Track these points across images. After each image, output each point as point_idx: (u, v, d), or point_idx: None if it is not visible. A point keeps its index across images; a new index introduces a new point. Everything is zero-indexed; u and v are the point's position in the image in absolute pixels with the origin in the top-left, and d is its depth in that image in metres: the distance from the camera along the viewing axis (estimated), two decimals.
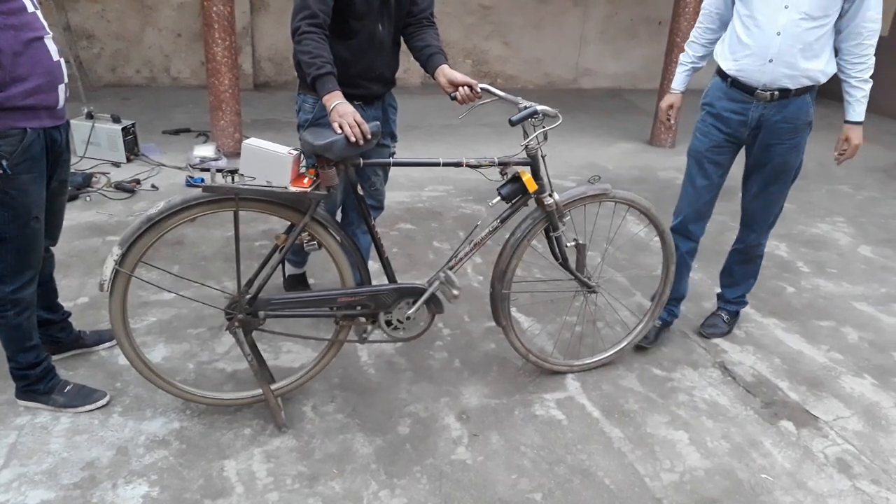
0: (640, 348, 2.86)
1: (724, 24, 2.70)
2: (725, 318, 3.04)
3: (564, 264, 2.51)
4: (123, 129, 4.67)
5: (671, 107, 2.91)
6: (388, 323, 2.36)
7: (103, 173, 4.47)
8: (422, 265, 3.54)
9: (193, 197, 2.02)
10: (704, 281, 3.54)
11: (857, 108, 2.57)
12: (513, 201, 2.37)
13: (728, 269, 3.02)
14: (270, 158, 2.05)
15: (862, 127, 2.60)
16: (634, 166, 5.50)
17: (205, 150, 4.78)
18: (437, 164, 2.25)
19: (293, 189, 2.06)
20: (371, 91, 2.52)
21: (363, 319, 2.35)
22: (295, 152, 2.07)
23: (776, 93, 2.53)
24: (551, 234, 2.43)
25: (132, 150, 4.78)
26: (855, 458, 2.33)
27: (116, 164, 4.68)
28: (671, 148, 6.01)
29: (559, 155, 5.48)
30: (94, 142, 4.70)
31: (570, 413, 2.49)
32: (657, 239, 2.70)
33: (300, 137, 2.07)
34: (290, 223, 2.18)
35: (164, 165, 4.73)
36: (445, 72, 2.49)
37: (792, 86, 2.51)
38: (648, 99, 6.94)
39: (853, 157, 2.69)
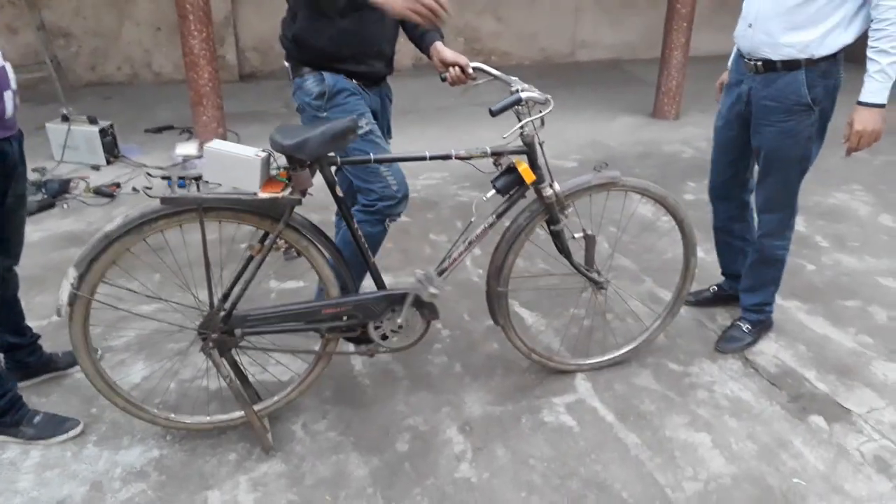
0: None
1: None
2: (746, 328, 2.67)
3: (569, 259, 2.30)
4: (101, 130, 4.47)
5: (721, 84, 2.65)
6: (379, 331, 2.17)
7: (82, 178, 4.27)
8: (418, 261, 3.34)
9: (152, 210, 1.83)
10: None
11: (868, 86, 2.15)
12: (509, 194, 2.16)
13: (747, 267, 2.69)
14: (236, 162, 1.85)
15: (876, 112, 2.17)
16: (639, 141, 5.27)
17: (187, 148, 4.57)
18: (424, 159, 2.04)
19: (263, 195, 1.86)
20: (373, 69, 2.31)
21: (353, 331, 2.16)
22: (263, 154, 1.87)
23: (759, 64, 2.28)
24: (552, 227, 2.23)
25: (112, 151, 4.58)
26: (894, 455, 2.14)
27: (96, 168, 4.48)
28: (675, 120, 5.77)
29: (559, 133, 5.25)
30: (71, 145, 4.50)
31: (582, 418, 2.30)
32: (666, 218, 2.46)
33: (270, 137, 1.87)
34: (264, 231, 1.98)
35: (145, 166, 4.52)
36: (437, 49, 2.30)
37: (774, 57, 2.23)
38: (649, 69, 6.67)
39: (861, 147, 2.24)
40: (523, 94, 1.94)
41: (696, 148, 5.11)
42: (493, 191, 2.14)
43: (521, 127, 2.02)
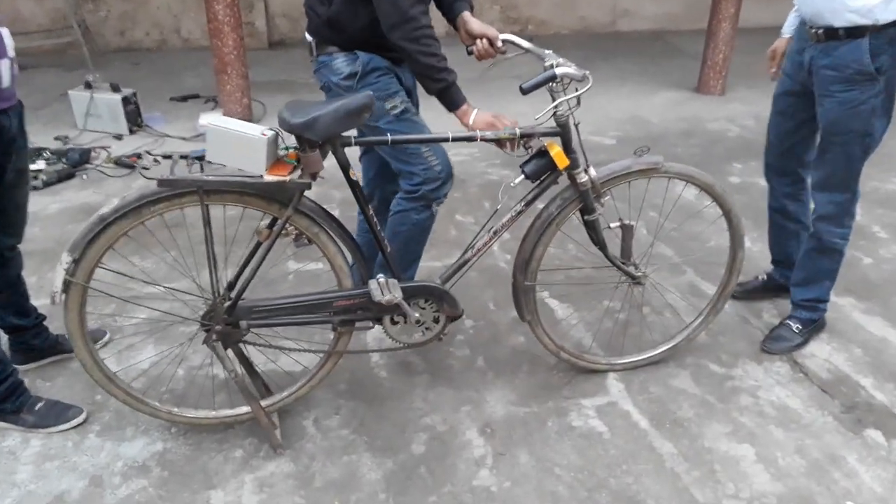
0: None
1: None
2: (796, 327, 2.45)
3: (603, 251, 2.11)
4: (124, 98, 4.36)
5: (774, 52, 2.48)
6: (395, 325, 2.02)
7: (104, 147, 4.18)
8: (442, 243, 3.17)
9: (151, 192, 1.69)
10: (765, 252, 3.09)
11: None
12: (539, 180, 1.97)
13: (801, 257, 2.47)
14: (241, 142, 1.70)
15: None
16: (681, 118, 4.98)
17: (211, 119, 4.43)
18: (447, 140, 1.87)
19: (269, 178, 1.70)
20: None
21: (369, 324, 2.02)
22: (270, 133, 1.71)
23: (821, 32, 2.11)
24: (586, 217, 2.04)
25: (135, 120, 4.47)
26: None
27: (119, 137, 4.38)
28: (721, 95, 5.45)
29: (597, 108, 4.99)
30: (94, 114, 4.40)
31: (613, 423, 2.13)
32: (711, 204, 2.24)
33: (278, 114, 1.71)
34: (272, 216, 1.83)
35: (168, 136, 4.42)
36: (465, 19, 2.10)
37: (837, 23, 2.05)
38: (694, 41, 6.32)
39: None
40: (558, 71, 1.74)
41: (742, 126, 4.81)
42: (522, 176, 1.96)
43: (555, 107, 1.82)
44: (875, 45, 2.03)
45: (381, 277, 1.91)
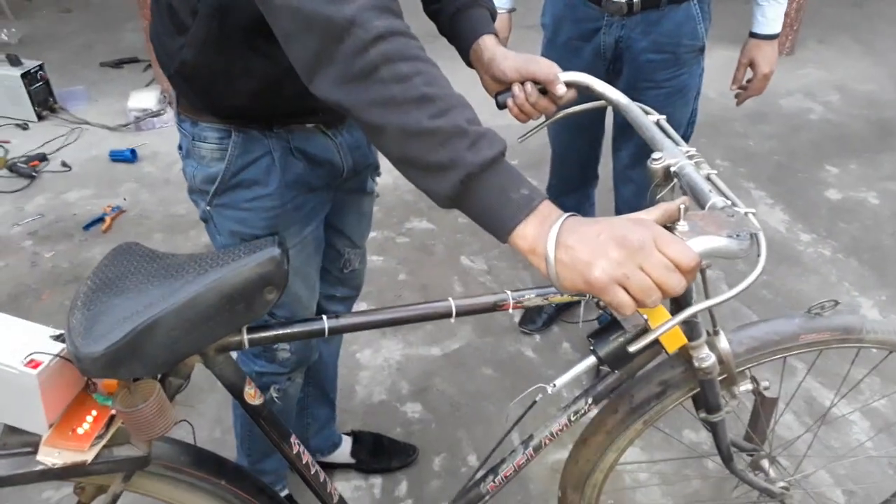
0: None
1: None
2: None
3: (727, 463, 1.20)
4: (25, 74, 3.32)
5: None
6: None
7: (1, 143, 3.21)
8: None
9: None
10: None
11: (768, 13, 1.71)
12: (624, 366, 1.04)
13: None
14: None
15: (776, 45, 1.74)
16: None
17: (144, 99, 3.43)
18: (449, 315, 0.93)
19: (45, 456, 0.77)
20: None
21: None
22: (46, 357, 0.77)
23: (636, 0, 1.63)
24: (706, 417, 1.12)
25: (45, 102, 3.45)
26: None
27: (24, 126, 3.38)
28: (789, 55, 4.36)
29: None
30: None
31: None
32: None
33: (66, 321, 0.77)
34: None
35: (88, 123, 3.41)
36: (489, 49, 1.06)
37: None
38: None
39: (761, 93, 1.81)
40: (698, 246, 0.74)
41: (825, 104, 3.78)
42: (592, 359, 1.02)
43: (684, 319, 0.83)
44: (702, 8, 1.67)
45: None
